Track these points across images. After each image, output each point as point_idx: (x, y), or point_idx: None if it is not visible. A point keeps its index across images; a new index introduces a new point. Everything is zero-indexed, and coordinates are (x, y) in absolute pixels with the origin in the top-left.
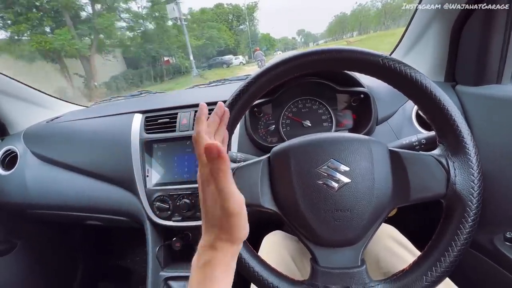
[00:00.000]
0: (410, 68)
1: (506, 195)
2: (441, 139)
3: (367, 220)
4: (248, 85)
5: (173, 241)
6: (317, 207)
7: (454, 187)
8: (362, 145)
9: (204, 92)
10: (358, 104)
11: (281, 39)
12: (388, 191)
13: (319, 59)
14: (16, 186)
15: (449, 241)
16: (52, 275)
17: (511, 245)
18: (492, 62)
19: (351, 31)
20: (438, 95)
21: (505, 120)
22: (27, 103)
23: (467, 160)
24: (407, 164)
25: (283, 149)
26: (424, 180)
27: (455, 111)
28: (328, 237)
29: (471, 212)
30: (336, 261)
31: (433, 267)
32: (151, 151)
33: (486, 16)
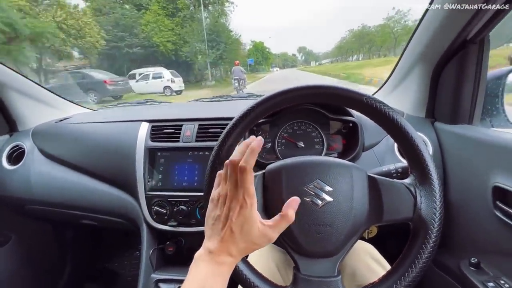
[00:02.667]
0: (389, 108)
1: (472, 225)
2: (412, 170)
3: (345, 235)
4: (248, 112)
5: (167, 245)
6: (302, 221)
7: (420, 212)
8: (345, 170)
9: (208, 106)
10: (348, 131)
11: (280, 54)
12: (365, 211)
13: (315, 93)
14: (19, 181)
15: (413, 258)
16: (41, 271)
17: (475, 270)
18: (465, 104)
19: (357, 54)
20: (410, 133)
21: (473, 158)
22: (37, 102)
23: (431, 190)
24: (382, 189)
25: (277, 167)
26: (395, 204)
27: (424, 148)
28: (310, 248)
29: (432, 234)
30: (315, 270)
31: (398, 281)
32: (154, 158)
33: (460, 65)
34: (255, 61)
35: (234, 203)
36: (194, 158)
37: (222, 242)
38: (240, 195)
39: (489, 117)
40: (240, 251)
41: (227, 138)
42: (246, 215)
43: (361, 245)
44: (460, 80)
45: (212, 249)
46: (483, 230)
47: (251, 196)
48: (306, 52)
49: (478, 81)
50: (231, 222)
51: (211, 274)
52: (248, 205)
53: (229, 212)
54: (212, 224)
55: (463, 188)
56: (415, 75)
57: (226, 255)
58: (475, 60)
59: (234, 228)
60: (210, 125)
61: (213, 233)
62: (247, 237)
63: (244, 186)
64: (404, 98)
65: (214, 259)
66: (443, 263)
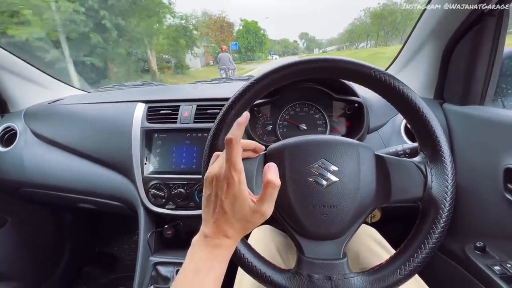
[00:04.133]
0: (398, 82)
1: (478, 208)
2: (422, 148)
3: (350, 216)
4: (251, 86)
5: (165, 229)
6: (306, 202)
7: (430, 191)
8: (351, 148)
9: (206, 89)
10: (352, 112)
11: (280, 40)
12: (372, 191)
13: (320, 66)
14: (12, 163)
15: (422, 239)
16: (39, 254)
17: (480, 254)
18: (477, 85)
19: (374, 38)
20: (422, 108)
21: (483, 139)
22: (29, 83)
23: (443, 168)
24: (390, 168)
25: (279, 147)
26: (404, 183)
27: (436, 124)
28: (314, 230)
29: (443, 214)
30: (320, 252)
31: (406, 263)
32: (151, 140)
33: (474, 42)
34: (246, 46)
35: (222, 181)
36: (192, 140)
37: (216, 224)
38: (227, 170)
39: (501, 98)
40: (236, 232)
41: (225, 118)
42: (235, 192)
43: (363, 228)
44: (474, 58)
45: (207, 232)
46: (491, 213)
47: (238, 171)
48: (309, 38)
49: (493, 58)
50: (221, 202)
51: (208, 258)
52: (236, 181)
53: (218, 191)
54: (205, 207)
55: (472, 171)
56: (425, 53)
57: (222, 237)
58: (491, 35)
59: (225, 207)
60: (209, 106)
61: (207, 216)
62: (240, 216)
63: (231, 160)
64: (412, 78)
65: (210, 243)
66: (447, 247)
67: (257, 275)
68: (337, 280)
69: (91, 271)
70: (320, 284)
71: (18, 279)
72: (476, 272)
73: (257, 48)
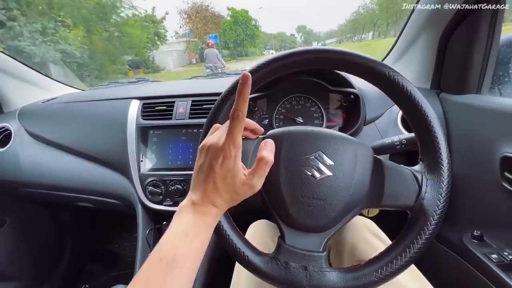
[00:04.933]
0: (410, 86)
1: (475, 197)
2: (422, 156)
3: (337, 213)
4: (266, 63)
5: (163, 225)
6: (296, 192)
7: (422, 202)
8: (350, 146)
9: (201, 84)
10: (348, 104)
11: (276, 34)
12: (363, 192)
13: (318, 57)
14: (8, 163)
15: (404, 248)
16: (40, 254)
17: (478, 243)
18: (473, 73)
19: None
20: (427, 112)
21: (480, 128)
22: (23, 82)
23: (440, 181)
24: (386, 173)
25: (279, 133)
26: (397, 191)
27: (440, 133)
28: (299, 220)
29: (430, 226)
30: (301, 243)
31: (384, 267)
32: (147, 137)
33: (470, 30)
34: (235, 40)
35: (218, 152)
36: (188, 136)
37: (205, 193)
38: (226, 143)
39: (498, 86)
40: (224, 202)
41: (220, 109)
42: (229, 166)
43: (361, 220)
44: (470, 46)
45: (195, 199)
46: (488, 202)
47: (237, 146)
48: (306, 31)
49: (490, 46)
50: (214, 174)
51: (194, 223)
52: (232, 156)
53: (213, 161)
54: (197, 174)
55: (468, 160)
56: (421, 43)
57: (209, 205)
58: (488, 22)
59: (217, 180)
60: (204, 101)
61: (197, 183)
62: (230, 188)
63: (232, 133)
64: (409, 68)
65: (197, 209)
66: (444, 236)
67: (235, 253)
68: (313, 272)
69: (92, 269)
70: (295, 272)
71: (20, 278)
72: (473, 261)
73: (248, 42)
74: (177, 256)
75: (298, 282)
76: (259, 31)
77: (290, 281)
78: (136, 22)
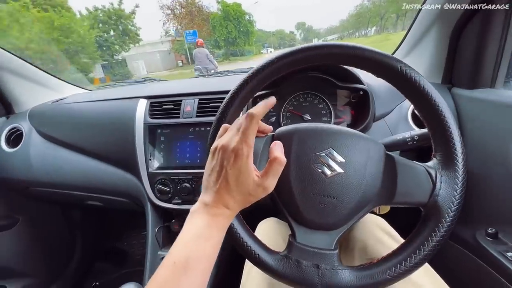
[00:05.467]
0: (424, 82)
1: (490, 194)
2: (436, 153)
3: (349, 210)
4: (253, 75)
5: (172, 223)
6: (307, 189)
7: (436, 199)
8: (362, 143)
9: (208, 82)
10: (357, 100)
11: (275, 32)
12: (375, 189)
13: (323, 53)
14: (20, 163)
15: (418, 245)
16: (50, 252)
17: (492, 240)
18: (487, 67)
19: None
20: (441, 107)
21: (495, 124)
22: (33, 84)
23: (454, 177)
24: (399, 170)
25: (289, 130)
26: (410, 187)
27: (455, 127)
28: (310, 218)
29: (445, 224)
30: (312, 241)
31: (398, 265)
32: (155, 136)
33: (484, 23)
34: (226, 38)
35: (230, 152)
36: (195, 134)
37: (218, 194)
38: (238, 142)
39: None
40: (237, 203)
41: (238, 92)
42: (241, 165)
43: (371, 218)
44: (484, 39)
45: (208, 201)
46: (503, 198)
47: (249, 145)
48: (306, 28)
49: (505, 38)
50: (226, 173)
51: (207, 225)
52: (245, 155)
53: (224, 161)
54: (209, 175)
55: (483, 155)
56: (432, 36)
57: (222, 207)
58: (503, 14)
59: (229, 178)
60: (211, 99)
61: (209, 185)
62: (243, 189)
63: (246, 133)
64: (419, 63)
65: (209, 211)
66: (458, 234)
67: (246, 252)
68: (325, 270)
69: (102, 266)
70: (307, 271)
71: (32, 275)
72: (488, 259)
73: (241, 40)
74: (190, 259)
75: (310, 280)
76: (254, 27)
77: (302, 279)
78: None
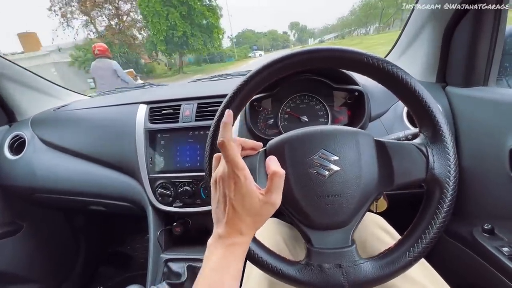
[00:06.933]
0: (387, 63)
1: (486, 190)
2: (421, 129)
3: (355, 204)
4: (248, 81)
5: (174, 226)
6: (310, 194)
7: (433, 172)
8: (350, 136)
9: (206, 86)
10: (353, 101)
11: (268, 32)
12: (375, 177)
13: (311, 57)
14: (23, 170)
15: (429, 220)
16: (55, 257)
17: (488, 236)
18: (480, 65)
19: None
20: (418, 89)
21: (488, 121)
22: (34, 92)
23: (444, 147)
24: (391, 153)
25: (278, 141)
26: (406, 166)
27: (434, 103)
28: (321, 220)
29: (448, 194)
30: (328, 242)
31: (415, 244)
32: (155, 140)
33: (475, 22)
34: (169, 36)
35: (228, 180)
36: (195, 138)
37: (228, 223)
38: (230, 171)
39: (506, 77)
40: (249, 227)
41: (221, 118)
42: (242, 189)
43: (369, 216)
44: (475, 38)
45: (221, 233)
46: (498, 195)
47: (241, 168)
48: (299, 28)
49: (495, 37)
50: (231, 200)
51: (224, 256)
52: (242, 179)
53: (226, 190)
54: (216, 208)
55: (477, 153)
56: (425, 36)
57: (236, 235)
58: (493, 13)
59: (235, 205)
60: (209, 103)
61: (218, 217)
62: (251, 211)
63: (230, 160)
64: (413, 63)
65: (224, 242)
66: (455, 231)
67: (268, 268)
68: (347, 268)
69: (106, 270)
70: (331, 273)
71: (38, 281)
72: (485, 255)
73: (196, 39)
74: None
75: (336, 281)
76: (219, 18)
77: (328, 283)
78: None
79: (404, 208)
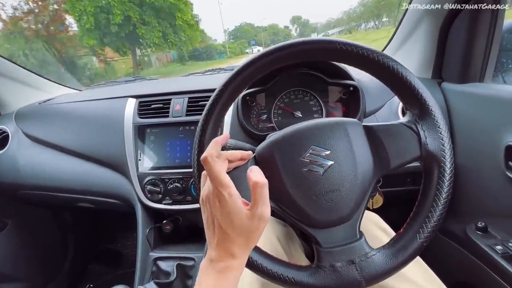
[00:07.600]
0: (364, 49)
1: (479, 188)
2: (408, 108)
3: (356, 195)
4: (237, 74)
5: (164, 224)
6: (308, 194)
7: (427, 147)
8: (338, 127)
9: (198, 80)
10: (348, 96)
11: (268, 27)
12: (370, 164)
13: (302, 49)
14: (7, 166)
15: (433, 197)
16: (43, 255)
17: (482, 234)
18: (476, 62)
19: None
20: (398, 68)
21: (484, 117)
22: (19, 84)
23: (433, 121)
24: (381, 136)
25: (266, 146)
26: (399, 147)
27: (417, 81)
28: (324, 218)
29: (446, 167)
30: (336, 239)
31: (423, 224)
32: (144, 136)
33: (472, 17)
34: (121, 31)
35: (213, 199)
36: (185, 134)
37: (219, 246)
38: (214, 189)
39: (502, 73)
40: (241, 249)
41: (211, 112)
42: (228, 207)
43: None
44: (472, 33)
45: (213, 256)
46: (492, 193)
47: (225, 186)
48: (302, 22)
49: (493, 33)
50: (218, 221)
51: (215, 284)
52: (226, 196)
53: (212, 210)
54: (207, 229)
55: (472, 150)
56: (421, 31)
57: (228, 258)
58: (490, 8)
59: (222, 225)
60: (200, 97)
61: (210, 239)
62: (239, 229)
63: (214, 178)
64: (409, 58)
65: (215, 267)
66: (448, 228)
67: (278, 279)
68: (360, 262)
69: (96, 268)
70: (344, 271)
71: (24, 280)
72: (478, 253)
73: (148, 32)
74: None
75: (352, 278)
76: (189, 12)
77: (343, 281)
78: None
79: (399, 206)
